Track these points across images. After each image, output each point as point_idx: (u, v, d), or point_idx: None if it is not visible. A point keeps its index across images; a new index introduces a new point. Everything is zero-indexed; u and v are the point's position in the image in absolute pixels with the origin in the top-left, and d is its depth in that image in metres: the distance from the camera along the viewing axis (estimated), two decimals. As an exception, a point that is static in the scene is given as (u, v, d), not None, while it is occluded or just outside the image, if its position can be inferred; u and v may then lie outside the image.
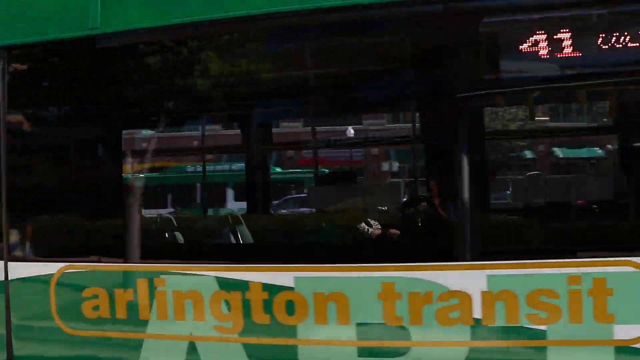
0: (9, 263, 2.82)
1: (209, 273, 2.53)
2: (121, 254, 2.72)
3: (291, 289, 2.39)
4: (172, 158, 5.54)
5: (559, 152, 7.83)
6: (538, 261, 2.14)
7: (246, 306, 2.45)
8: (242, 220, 3.27)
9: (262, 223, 3.44)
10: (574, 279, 2.06)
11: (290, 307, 2.38)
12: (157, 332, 2.59)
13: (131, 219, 2.81)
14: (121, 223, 2.80)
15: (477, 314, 2.17)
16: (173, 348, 2.57)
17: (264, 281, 2.44)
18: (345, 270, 2.37)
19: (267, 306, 2.41)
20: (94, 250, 2.79)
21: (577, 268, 2.08)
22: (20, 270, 2.81)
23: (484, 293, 2.16)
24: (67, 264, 2.73)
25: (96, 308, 2.67)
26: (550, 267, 2.10)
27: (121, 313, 2.64)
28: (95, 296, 2.68)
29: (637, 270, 1.99)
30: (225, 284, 2.49)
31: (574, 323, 2.06)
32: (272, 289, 2.42)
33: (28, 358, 2.82)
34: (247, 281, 2.45)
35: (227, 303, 2.49)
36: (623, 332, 2.02)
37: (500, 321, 2.16)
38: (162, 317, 2.58)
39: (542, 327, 2.10)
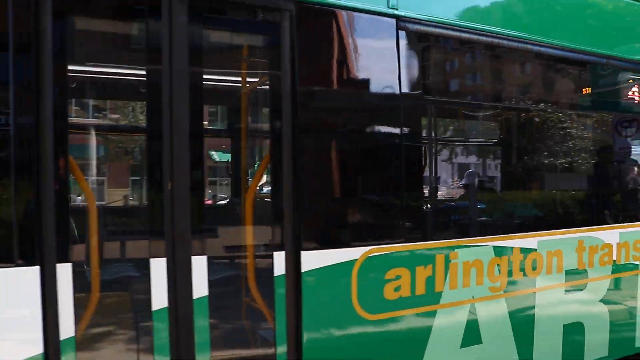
0: (303, 252, 2.45)
1: (488, 244, 3.05)
2: (419, 235, 2.83)
3: (535, 250, 3.24)
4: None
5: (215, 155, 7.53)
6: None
7: (510, 267, 3.13)
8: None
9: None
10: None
11: (534, 264, 3.23)
12: (448, 302, 2.90)
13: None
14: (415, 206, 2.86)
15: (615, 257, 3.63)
16: (459, 312, 2.94)
17: (521, 246, 3.18)
18: (560, 234, 3.39)
19: (522, 265, 3.18)
20: (390, 232, 2.75)
21: None
22: (315, 259, 2.49)
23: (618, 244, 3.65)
24: (373, 247, 2.64)
25: (397, 289, 2.72)
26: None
27: (420, 289, 2.79)
28: (399, 277, 2.72)
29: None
30: (498, 251, 3.08)
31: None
32: (525, 251, 3.19)
33: (321, 349, 2.52)
34: (512, 247, 3.14)
35: (499, 266, 3.09)
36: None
37: (623, 260, 3.69)
38: (452, 287, 2.91)
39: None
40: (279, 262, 2.41)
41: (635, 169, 4.26)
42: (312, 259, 2.47)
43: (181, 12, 2.19)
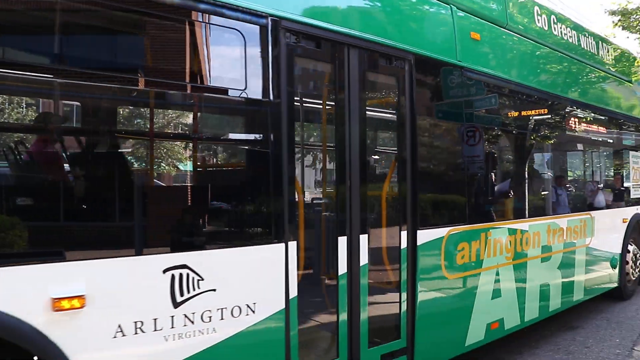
0: (418, 230, 3.51)
1: (505, 226, 4.37)
2: (472, 219, 4.04)
3: (526, 231, 4.64)
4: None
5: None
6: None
7: (516, 241, 4.47)
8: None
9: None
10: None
11: (521, 240, 4.61)
12: (488, 265, 4.14)
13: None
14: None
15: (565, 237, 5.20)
16: (485, 277, 4.17)
17: (522, 228, 4.55)
18: (539, 220, 4.84)
19: (522, 241, 4.55)
20: (459, 218, 3.92)
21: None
22: (425, 235, 3.56)
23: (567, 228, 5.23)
24: (451, 227, 3.78)
25: (464, 256, 3.90)
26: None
27: (474, 257, 4.00)
28: (466, 247, 3.90)
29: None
30: (511, 231, 4.41)
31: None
32: (524, 230, 4.57)
33: (428, 301, 3.58)
34: (510, 228, 4.47)
35: (511, 242, 4.41)
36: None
37: (569, 239, 5.27)
38: (490, 255, 4.16)
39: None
40: (404, 236, 3.43)
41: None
42: (422, 236, 3.53)
43: (355, 68, 3.13)
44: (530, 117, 5.07)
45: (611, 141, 6.62)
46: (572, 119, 5.66)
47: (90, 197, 2.25)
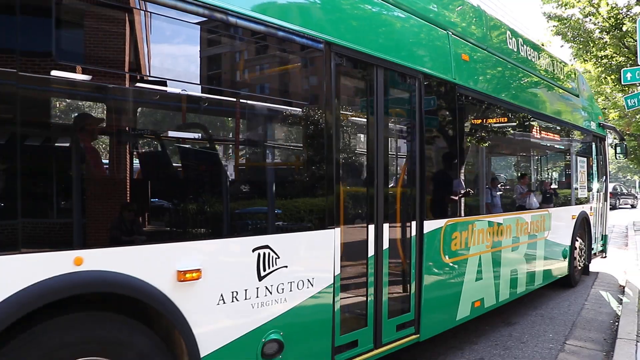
0: (425, 221, 4.17)
1: (486, 219, 5.13)
2: (463, 212, 4.75)
3: (501, 223, 5.43)
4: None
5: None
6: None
7: (494, 232, 5.25)
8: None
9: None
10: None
11: (501, 231, 5.41)
12: (474, 252, 4.88)
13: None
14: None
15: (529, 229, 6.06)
16: (471, 262, 4.91)
17: (498, 221, 5.33)
18: (498, 217, 5.65)
19: (498, 232, 5.33)
20: (453, 211, 4.61)
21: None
22: (429, 225, 4.23)
23: (530, 222, 6.09)
24: (448, 219, 4.48)
25: (457, 243, 4.60)
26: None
27: (464, 244, 4.72)
28: (459, 236, 4.61)
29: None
30: (489, 223, 5.17)
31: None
32: (500, 223, 5.36)
33: (431, 281, 4.25)
34: (490, 221, 5.25)
35: (491, 232, 5.18)
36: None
37: (532, 231, 6.14)
38: (475, 243, 4.90)
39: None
40: (414, 225, 4.08)
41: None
42: (427, 225, 4.19)
43: (381, 84, 3.75)
44: (506, 127, 5.89)
45: (562, 147, 7.62)
46: (535, 128, 6.56)
47: (206, 194, 2.73)
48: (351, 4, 3.64)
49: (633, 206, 32.18)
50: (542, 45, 16.15)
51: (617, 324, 5.54)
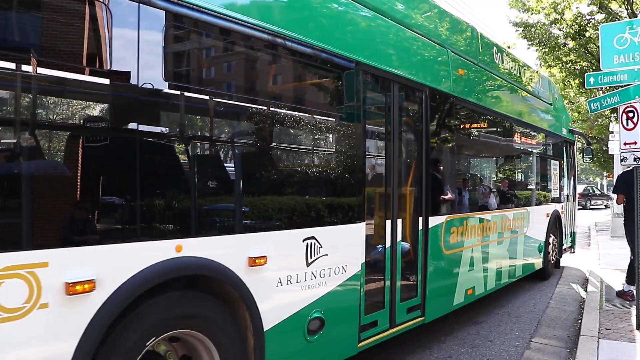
0: (430, 217, 4.75)
1: (476, 215, 5.75)
2: (459, 210, 5.35)
3: (489, 220, 6.07)
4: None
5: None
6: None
7: (483, 228, 5.88)
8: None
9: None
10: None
11: (492, 227, 6.04)
12: (467, 245, 5.49)
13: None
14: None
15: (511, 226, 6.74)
16: (466, 253, 5.52)
17: (487, 218, 5.97)
18: (487, 214, 6.30)
19: (486, 228, 5.97)
20: (451, 209, 5.20)
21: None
22: (434, 221, 4.81)
23: (512, 219, 6.77)
24: (448, 215, 5.07)
25: (454, 237, 5.20)
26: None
27: (460, 238, 5.32)
28: (456, 231, 5.21)
29: None
30: (480, 220, 5.80)
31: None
32: (488, 219, 5.99)
33: (434, 270, 4.83)
34: (481, 217, 5.88)
35: (481, 228, 5.80)
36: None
37: (513, 227, 6.82)
38: (468, 237, 5.51)
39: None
40: (421, 221, 4.65)
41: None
42: (431, 221, 4.77)
43: (396, 97, 4.30)
44: (493, 134, 6.55)
45: (539, 151, 8.37)
46: (517, 134, 7.25)
47: (273, 192, 3.21)
48: (374, 28, 4.18)
49: (607, 206, 31.72)
50: (508, 47, 16.75)
51: (580, 321, 5.71)
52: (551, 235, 8.42)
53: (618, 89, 5.81)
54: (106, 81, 2.38)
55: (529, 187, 7.89)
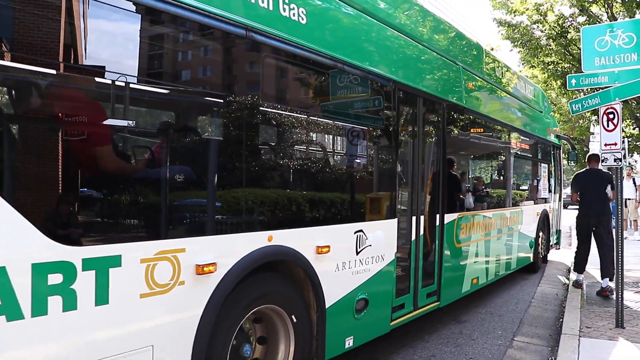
0: (445, 215, 5.42)
1: (481, 213, 6.45)
2: (468, 208, 6.03)
3: (491, 218, 6.78)
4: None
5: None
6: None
7: (486, 225, 6.57)
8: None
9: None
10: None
11: (493, 224, 6.75)
12: (474, 240, 6.18)
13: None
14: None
15: (508, 223, 7.48)
16: (472, 247, 6.22)
17: (489, 216, 6.67)
18: (489, 212, 7.02)
19: (489, 224, 6.67)
20: (461, 207, 5.88)
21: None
22: (448, 218, 5.48)
23: (510, 217, 7.50)
24: (459, 213, 5.75)
25: (463, 233, 5.89)
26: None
27: (468, 233, 6.01)
28: (465, 226, 5.89)
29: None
30: (483, 217, 6.50)
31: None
32: (490, 217, 6.70)
33: (448, 261, 5.50)
34: (484, 215, 6.58)
35: (484, 225, 6.50)
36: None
37: (510, 224, 7.56)
38: (474, 233, 6.20)
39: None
40: (438, 218, 5.32)
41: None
42: (446, 218, 5.44)
43: (422, 110, 4.95)
44: (495, 141, 7.27)
45: (531, 155, 9.14)
46: (514, 140, 7.99)
47: (335, 191, 3.83)
48: (407, 53, 4.82)
49: None
50: (492, 49, 17.11)
51: (561, 320, 5.73)
52: (541, 232, 9.20)
53: (599, 91, 5.76)
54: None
55: (522, 188, 8.65)
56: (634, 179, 11.48)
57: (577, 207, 7.58)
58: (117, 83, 2.43)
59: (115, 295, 2.37)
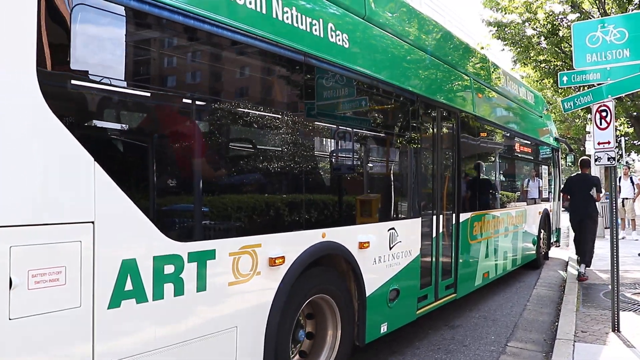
0: (460, 214, 5.94)
1: (490, 212, 6.97)
2: (480, 207, 6.56)
3: (499, 216, 7.31)
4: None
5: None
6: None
7: (495, 223, 7.10)
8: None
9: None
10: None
11: (497, 222, 7.28)
12: (484, 237, 6.70)
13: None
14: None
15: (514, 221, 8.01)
16: (483, 244, 6.74)
17: (498, 215, 7.20)
18: (498, 211, 7.55)
19: (497, 222, 7.19)
20: (472, 206, 6.41)
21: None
22: (463, 217, 6.00)
23: (515, 215, 8.04)
24: (472, 212, 6.27)
25: (476, 230, 6.41)
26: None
27: (480, 231, 6.53)
28: (478, 225, 6.41)
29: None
30: (492, 216, 7.02)
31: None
32: (498, 216, 7.23)
33: (463, 256, 6.02)
34: (493, 214, 7.11)
35: (494, 223, 7.02)
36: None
37: (515, 222, 8.09)
38: (486, 231, 6.72)
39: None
40: (454, 217, 5.84)
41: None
42: (461, 217, 5.96)
43: (439, 119, 5.47)
44: (502, 145, 7.82)
45: (534, 157, 9.70)
46: (519, 144, 8.55)
47: (374, 194, 4.32)
48: (427, 70, 5.34)
49: None
50: (482, 48, 16.93)
51: (557, 324, 5.60)
52: (542, 230, 9.75)
53: (593, 87, 5.57)
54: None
55: (526, 188, 9.20)
56: (631, 178, 11.91)
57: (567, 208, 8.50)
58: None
59: (210, 283, 2.86)
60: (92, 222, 2.32)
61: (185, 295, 2.73)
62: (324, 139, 3.95)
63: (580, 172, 8.45)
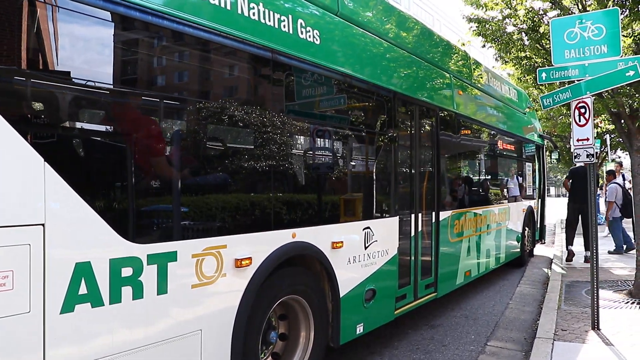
0: (440, 212, 5.91)
1: (472, 210, 6.95)
2: (460, 206, 6.53)
3: (481, 214, 7.29)
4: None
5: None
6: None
7: (477, 221, 7.08)
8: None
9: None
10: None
11: (479, 220, 7.26)
12: (466, 235, 6.68)
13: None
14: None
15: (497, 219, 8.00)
16: (464, 242, 6.72)
17: (479, 212, 7.18)
18: (480, 209, 7.54)
19: (479, 220, 7.17)
20: (452, 205, 6.37)
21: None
22: (442, 215, 5.96)
23: (498, 213, 8.03)
24: (452, 210, 6.24)
25: (456, 229, 6.38)
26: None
27: (461, 229, 6.50)
28: (459, 223, 6.39)
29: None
30: (473, 214, 7.00)
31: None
32: (480, 214, 7.21)
33: (443, 255, 5.98)
34: (475, 212, 7.09)
35: (475, 221, 7.00)
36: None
37: (498, 220, 8.09)
38: (467, 229, 6.70)
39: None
40: (433, 215, 5.80)
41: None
42: (441, 215, 5.93)
43: (417, 116, 5.43)
44: (483, 142, 7.80)
45: (517, 155, 9.71)
46: (500, 141, 8.54)
47: (349, 193, 4.27)
48: (405, 68, 5.30)
49: None
50: (463, 45, 17.11)
51: (538, 322, 5.55)
52: (526, 227, 9.76)
53: (572, 84, 5.52)
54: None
55: (509, 186, 9.20)
56: (623, 176, 11.89)
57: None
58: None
59: (172, 285, 2.79)
60: (42, 225, 2.24)
61: (145, 298, 2.66)
62: (295, 137, 3.88)
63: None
